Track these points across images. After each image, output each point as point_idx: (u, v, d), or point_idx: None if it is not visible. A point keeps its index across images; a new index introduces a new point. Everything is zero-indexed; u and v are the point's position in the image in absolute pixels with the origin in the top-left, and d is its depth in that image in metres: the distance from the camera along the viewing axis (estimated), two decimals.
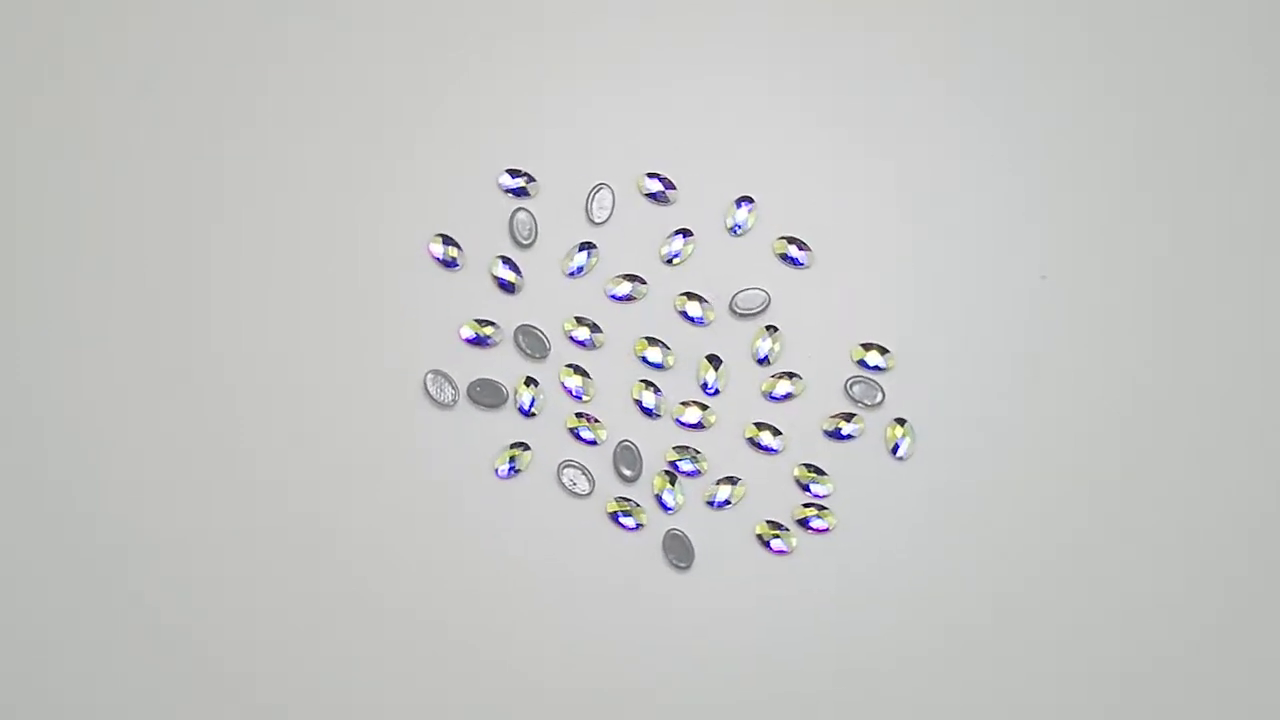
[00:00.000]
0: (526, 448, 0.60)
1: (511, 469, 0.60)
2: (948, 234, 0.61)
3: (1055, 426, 0.60)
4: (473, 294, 0.61)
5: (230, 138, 0.62)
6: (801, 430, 0.60)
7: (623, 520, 0.59)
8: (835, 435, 0.60)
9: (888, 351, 0.60)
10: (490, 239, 0.61)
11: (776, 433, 0.60)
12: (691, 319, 0.61)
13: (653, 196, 0.61)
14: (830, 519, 0.59)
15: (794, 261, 0.61)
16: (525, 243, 0.61)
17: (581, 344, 0.60)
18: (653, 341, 0.60)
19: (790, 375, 0.60)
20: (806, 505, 0.60)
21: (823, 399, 0.60)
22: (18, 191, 0.61)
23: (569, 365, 0.60)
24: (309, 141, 0.62)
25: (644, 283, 0.61)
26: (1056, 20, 0.63)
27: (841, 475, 0.60)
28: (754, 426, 0.60)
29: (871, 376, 0.60)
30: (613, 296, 0.61)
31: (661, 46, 0.62)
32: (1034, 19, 0.63)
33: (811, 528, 0.59)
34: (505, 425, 0.60)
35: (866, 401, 0.60)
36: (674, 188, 0.61)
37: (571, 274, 0.61)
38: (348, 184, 0.61)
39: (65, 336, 0.60)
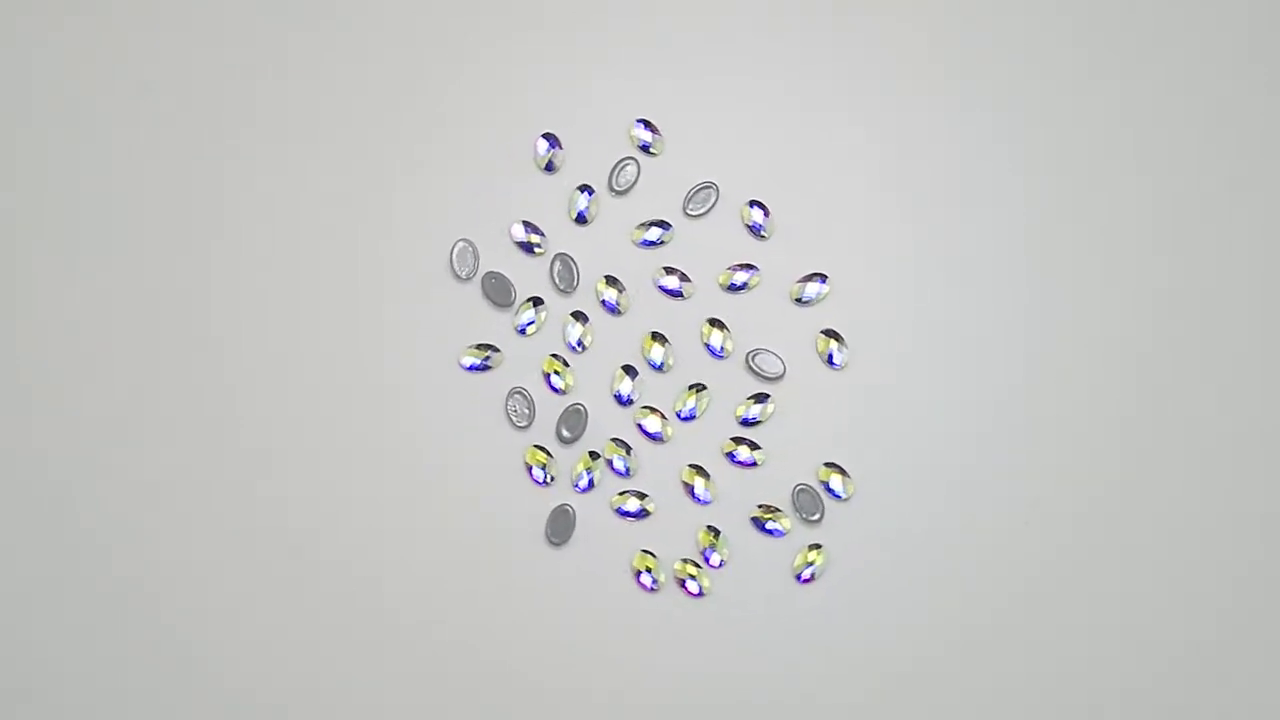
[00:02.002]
0: (497, 351, 0.60)
1: (475, 366, 0.60)
2: (980, 403, 0.60)
3: (977, 625, 0.59)
4: (546, 206, 0.62)
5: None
6: (734, 500, 0.60)
7: (534, 471, 0.60)
8: (758, 525, 0.60)
9: (849, 480, 0.60)
10: (597, 173, 0.62)
11: (708, 483, 0.60)
12: (709, 347, 0.61)
13: (751, 227, 0.61)
14: (706, 585, 0.59)
15: (829, 360, 0.60)
16: (619, 190, 0.62)
17: (605, 305, 0.61)
18: (660, 339, 0.60)
19: (755, 446, 0.60)
20: (688, 561, 0.59)
21: (772, 487, 0.60)
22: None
23: (578, 313, 0.61)
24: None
25: (693, 287, 0.61)
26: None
27: (741, 560, 0.59)
28: (692, 470, 0.60)
29: (820, 494, 0.60)
30: (658, 284, 0.61)
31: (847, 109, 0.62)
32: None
33: (685, 588, 0.59)
34: (495, 326, 0.61)
35: (804, 514, 0.60)
36: (771, 224, 0.61)
37: (641, 243, 0.61)
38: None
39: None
